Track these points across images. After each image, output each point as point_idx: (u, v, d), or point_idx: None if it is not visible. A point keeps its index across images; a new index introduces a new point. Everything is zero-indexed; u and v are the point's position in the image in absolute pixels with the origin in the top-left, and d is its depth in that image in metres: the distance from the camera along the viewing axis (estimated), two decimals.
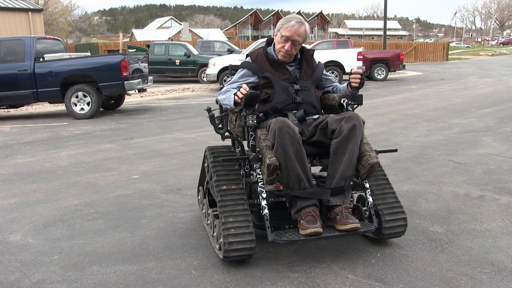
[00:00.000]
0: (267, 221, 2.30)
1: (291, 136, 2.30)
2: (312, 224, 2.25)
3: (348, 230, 2.30)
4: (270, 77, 2.67)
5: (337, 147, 2.41)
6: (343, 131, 2.39)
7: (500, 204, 3.27)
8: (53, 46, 9.21)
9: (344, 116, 2.44)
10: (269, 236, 2.27)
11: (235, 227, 2.31)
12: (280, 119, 2.37)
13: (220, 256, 2.42)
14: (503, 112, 7.80)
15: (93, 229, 3.01)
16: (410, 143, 5.42)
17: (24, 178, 4.35)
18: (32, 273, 2.41)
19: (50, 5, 39.97)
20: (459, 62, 29.20)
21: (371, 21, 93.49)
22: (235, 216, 2.35)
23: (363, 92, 2.71)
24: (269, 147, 2.35)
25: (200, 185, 3.21)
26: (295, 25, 2.62)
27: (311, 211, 2.32)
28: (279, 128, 2.30)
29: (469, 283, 2.18)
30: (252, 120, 2.47)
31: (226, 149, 2.76)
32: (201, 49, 18.07)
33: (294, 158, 2.31)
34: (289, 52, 2.67)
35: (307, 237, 2.25)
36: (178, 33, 48.75)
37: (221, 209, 2.37)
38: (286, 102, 2.64)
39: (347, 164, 2.39)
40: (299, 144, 2.34)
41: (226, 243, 2.27)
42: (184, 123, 7.51)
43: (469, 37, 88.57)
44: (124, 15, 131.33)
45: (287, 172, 2.32)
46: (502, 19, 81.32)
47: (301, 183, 2.33)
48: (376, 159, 2.38)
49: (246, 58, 2.83)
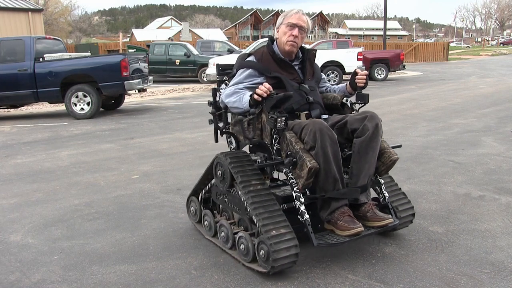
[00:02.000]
0: (309, 226, 2.23)
1: (330, 138, 2.26)
2: (352, 224, 2.25)
3: (384, 226, 2.34)
4: (281, 78, 2.59)
5: (361, 146, 2.40)
6: (367, 130, 2.38)
7: (500, 204, 3.27)
8: (53, 46, 9.21)
9: (366, 116, 2.42)
10: (314, 241, 2.21)
11: (281, 240, 2.19)
12: (318, 121, 2.31)
13: (260, 269, 2.28)
14: (503, 112, 7.80)
15: (93, 229, 3.01)
16: (410, 143, 5.42)
17: (24, 178, 4.35)
18: (32, 273, 2.41)
19: (50, 5, 39.96)
20: (459, 62, 29.20)
21: (371, 21, 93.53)
22: (277, 224, 2.24)
23: (365, 92, 2.73)
24: (305, 150, 2.26)
25: (192, 196, 3.02)
26: (299, 12, 2.64)
27: (347, 211, 2.31)
28: (320, 130, 2.24)
29: (469, 283, 2.18)
30: (281, 123, 2.31)
31: (243, 155, 2.57)
32: (201, 49, 18.06)
33: (332, 160, 2.26)
34: (296, 39, 2.61)
35: (352, 237, 2.24)
36: (178, 33, 48.76)
37: (262, 221, 2.23)
38: (301, 102, 2.59)
39: (371, 162, 2.42)
40: (337, 146, 2.30)
41: (275, 258, 2.16)
42: (184, 123, 7.51)
43: (469, 37, 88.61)
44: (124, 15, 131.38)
45: (324, 174, 2.26)
46: (502, 19, 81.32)
47: (336, 184, 2.30)
48: (397, 156, 2.47)
49: (249, 57, 2.71)
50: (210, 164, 2.69)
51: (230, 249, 2.54)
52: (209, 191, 2.88)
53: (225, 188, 2.56)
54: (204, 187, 2.93)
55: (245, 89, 2.56)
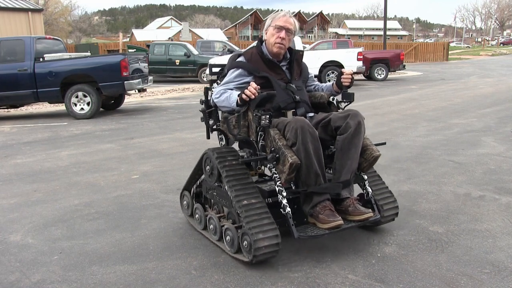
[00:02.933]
0: (291, 219, 2.32)
1: (311, 135, 2.37)
2: (332, 218, 2.34)
3: (364, 220, 2.43)
4: (268, 77, 2.70)
5: (344, 143, 2.51)
6: (349, 127, 2.49)
7: (500, 204, 3.27)
8: (53, 46, 9.21)
9: (349, 114, 2.54)
10: (294, 233, 2.30)
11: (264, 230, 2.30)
12: (300, 119, 2.41)
13: (243, 258, 2.39)
14: (503, 112, 7.80)
15: (93, 229, 3.01)
16: (410, 143, 5.42)
17: (24, 178, 4.35)
18: (32, 273, 2.41)
19: (50, 5, 39.96)
20: (459, 62, 29.20)
21: (371, 21, 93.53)
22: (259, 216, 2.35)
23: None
24: (287, 146, 2.37)
25: (185, 190, 3.14)
26: (286, 15, 2.75)
27: (328, 205, 2.40)
28: (301, 127, 2.34)
29: (469, 283, 2.18)
30: (265, 120, 2.44)
31: (230, 150, 2.69)
32: (201, 49, 18.06)
33: (314, 155, 2.36)
34: (284, 41, 2.72)
35: (331, 230, 2.33)
36: (178, 33, 48.74)
37: (244, 213, 2.34)
38: (288, 101, 2.70)
39: (354, 158, 2.51)
40: (318, 142, 2.40)
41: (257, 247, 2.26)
42: (184, 123, 7.51)
43: (469, 37, 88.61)
44: (124, 15, 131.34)
45: (306, 169, 2.37)
46: (502, 19, 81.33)
47: (317, 179, 2.40)
48: (378, 152, 2.56)
49: (239, 58, 2.82)
50: (200, 160, 2.82)
51: (218, 240, 2.65)
52: (200, 186, 3.00)
53: (213, 182, 2.69)
54: (195, 181, 3.06)
55: (234, 88, 2.67)
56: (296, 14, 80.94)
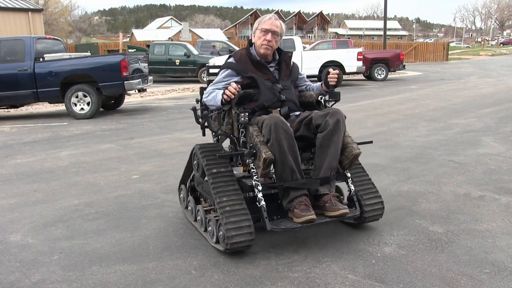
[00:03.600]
0: (265, 212, 2.43)
1: (285, 131, 2.46)
2: (306, 212, 2.41)
3: (339, 216, 2.50)
4: (254, 77, 2.80)
5: (323, 140, 2.59)
6: (328, 126, 2.56)
7: (500, 204, 3.27)
8: (53, 46, 9.21)
9: (329, 112, 2.62)
10: (267, 226, 2.39)
11: (236, 221, 2.41)
12: (275, 116, 2.54)
13: (220, 248, 2.51)
14: (503, 112, 7.80)
15: (93, 229, 3.01)
16: (410, 143, 5.42)
17: (24, 178, 4.35)
18: (32, 273, 2.41)
19: (50, 5, 39.96)
20: (459, 62, 29.21)
21: (371, 21, 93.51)
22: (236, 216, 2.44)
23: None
24: (263, 142, 2.47)
25: (182, 183, 3.29)
26: (272, 18, 2.86)
27: (304, 200, 2.48)
28: (274, 124, 2.44)
29: (469, 283, 2.18)
30: (244, 118, 2.58)
31: (215, 146, 2.84)
32: (201, 49, 18.07)
33: (288, 151, 2.46)
34: (270, 43, 2.81)
35: (303, 224, 2.41)
36: (178, 33, 48.74)
37: (220, 204, 2.46)
38: (273, 100, 2.79)
39: (333, 155, 2.58)
40: (292, 139, 2.49)
41: (229, 244, 2.38)
42: (184, 123, 7.51)
43: (469, 37, 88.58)
44: (124, 15, 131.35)
45: (281, 165, 2.47)
46: (502, 19, 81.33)
47: (293, 175, 2.49)
48: (358, 150, 2.60)
49: (229, 58, 2.95)
50: (190, 155, 2.99)
51: (204, 231, 2.75)
52: (193, 180, 3.13)
53: (199, 176, 2.85)
54: (189, 175, 3.18)
55: (223, 88, 2.75)
56: (296, 14, 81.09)
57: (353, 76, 16.36)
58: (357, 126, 6.66)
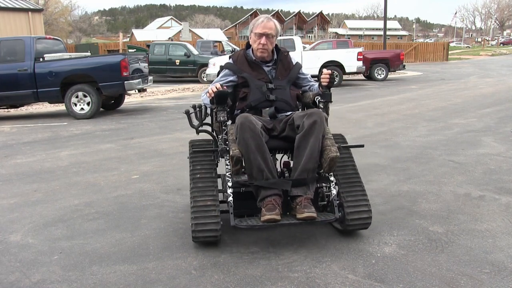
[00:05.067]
0: (231, 207, 2.49)
1: (252, 130, 2.49)
2: (270, 212, 2.42)
3: (304, 219, 2.45)
4: (246, 77, 2.85)
5: (300, 141, 2.59)
6: (304, 126, 2.56)
7: (500, 204, 3.27)
8: (53, 46, 9.21)
9: (307, 113, 2.62)
10: (231, 221, 2.45)
11: (203, 211, 2.50)
12: (244, 115, 2.56)
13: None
14: (503, 112, 7.80)
15: (93, 229, 3.01)
16: (410, 143, 5.42)
17: (24, 178, 4.35)
18: (32, 273, 2.41)
19: (50, 5, 39.96)
20: (459, 62, 29.20)
21: (371, 21, 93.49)
22: (203, 201, 2.53)
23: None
24: (234, 140, 2.54)
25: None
26: (264, 21, 2.85)
27: (272, 200, 2.49)
28: (241, 123, 2.50)
29: (469, 283, 2.18)
30: (222, 116, 2.64)
31: (205, 142, 2.91)
32: (201, 49, 18.06)
33: (255, 150, 2.48)
34: (265, 46, 2.84)
35: (265, 223, 2.42)
36: (178, 33, 48.73)
37: (192, 194, 2.56)
38: (260, 99, 2.82)
39: (308, 157, 2.55)
40: (259, 138, 2.51)
41: (193, 225, 2.48)
42: (184, 123, 7.49)
43: (469, 37, 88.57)
44: (124, 15, 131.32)
45: (249, 163, 2.51)
46: (502, 19, 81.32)
47: (263, 174, 2.51)
48: (336, 153, 2.52)
49: (229, 59, 3.02)
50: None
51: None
52: None
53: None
54: None
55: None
56: (296, 14, 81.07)
57: (353, 76, 16.36)
58: (357, 126, 6.66)
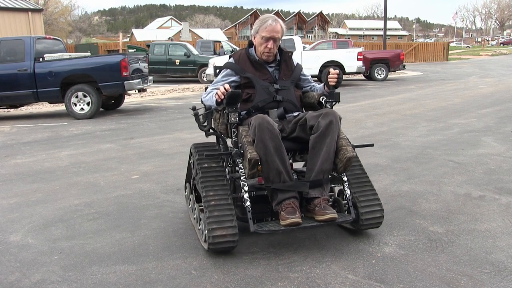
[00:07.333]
0: (249, 212, 2.40)
1: (270, 132, 2.42)
2: (291, 215, 2.36)
3: (326, 220, 2.41)
4: (251, 77, 2.79)
5: (315, 142, 2.53)
6: (320, 127, 2.51)
7: (500, 204, 3.27)
8: (53, 46, 9.21)
9: (322, 113, 2.57)
10: (251, 227, 2.37)
11: (220, 221, 2.40)
12: (260, 116, 2.48)
13: (205, 247, 2.52)
14: (503, 112, 7.80)
15: (93, 229, 3.01)
16: (410, 143, 5.42)
17: (24, 178, 4.35)
18: (32, 273, 2.41)
19: (50, 5, 39.95)
20: (459, 62, 29.20)
21: (371, 21, 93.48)
22: (219, 210, 2.43)
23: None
24: (250, 143, 2.46)
25: (187, 182, 3.29)
26: (272, 24, 2.77)
27: (291, 203, 2.43)
28: (259, 124, 2.42)
29: (469, 283, 2.18)
30: (234, 118, 2.58)
31: (210, 145, 2.86)
32: (201, 49, 18.07)
33: (274, 152, 2.42)
34: (271, 50, 2.79)
35: (287, 227, 2.37)
36: (178, 33, 48.74)
37: (206, 203, 2.46)
38: (267, 100, 2.77)
39: (325, 158, 2.51)
40: (278, 139, 2.45)
41: (211, 237, 2.37)
42: (184, 123, 7.51)
43: (469, 37, 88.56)
44: (124, 15, 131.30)
45: (267, 166, 2.43)
46: (502, 19, 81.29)
47: (281, 176, 2.45)
48: (352, 153, 2.50)
49: (230, 59, 2.94)
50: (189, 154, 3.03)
51: (199, 230, 2.73)
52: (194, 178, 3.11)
53: (195, 174, 2.80)
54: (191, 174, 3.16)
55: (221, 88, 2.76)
56: (296, 14, 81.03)
57: (353, 76, 16.36)
58: (357, 126, 6.66)
